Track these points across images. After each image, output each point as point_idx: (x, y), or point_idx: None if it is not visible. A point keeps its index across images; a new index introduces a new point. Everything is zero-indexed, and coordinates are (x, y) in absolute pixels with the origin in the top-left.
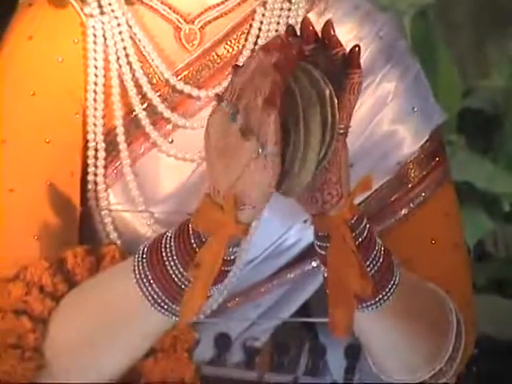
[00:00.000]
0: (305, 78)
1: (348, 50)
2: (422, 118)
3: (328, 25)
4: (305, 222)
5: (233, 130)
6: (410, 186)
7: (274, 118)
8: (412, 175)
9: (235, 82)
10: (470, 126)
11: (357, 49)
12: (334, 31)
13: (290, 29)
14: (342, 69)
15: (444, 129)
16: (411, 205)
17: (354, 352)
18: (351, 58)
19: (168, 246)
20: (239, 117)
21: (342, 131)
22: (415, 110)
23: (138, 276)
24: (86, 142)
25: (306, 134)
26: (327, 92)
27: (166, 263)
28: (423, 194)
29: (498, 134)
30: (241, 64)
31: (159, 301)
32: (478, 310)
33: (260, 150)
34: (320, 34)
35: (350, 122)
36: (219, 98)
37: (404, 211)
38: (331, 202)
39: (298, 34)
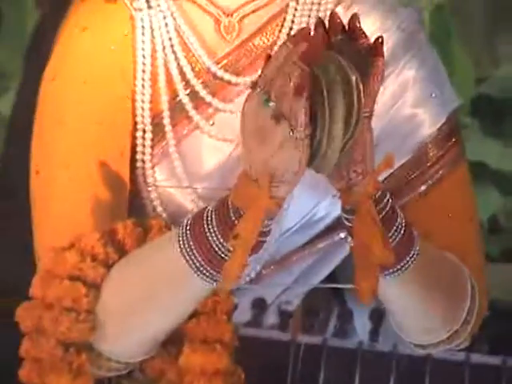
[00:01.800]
0: (332, 66)
1: (372, 40)
2: (440, 102)
3: (354, 17)
4: (333, 196)
5: (266, 114)
6: (428, 164)
7: (303, 104)
8: (430, 154)
9: (267, 71)
10: (482, 111)
11: (380, 39)
12: (359, 23)
13: (319, 21)
14: (366, 58)
15: (459, 113)
16: (429, 182)
17: (378, 315)
18: (375, 48)
19: (209, 218)
20: (272, 103)
21: (366, 114)
22: (433, 95)
23: (182, 246)
24: (135, 124)
25: (331, 118)
26: (353, 78)
27: (208, 234)
28: (440, 172)
29: (508, 119)
30: (273, 53)
31: (201, 268)
32: (492, 278)
33: (291, 133)
34: (347, 26)
35: (374, 106)
36: (253, 85)
37: (423, 187)
38: (356, 179)
39: (327, 25)
